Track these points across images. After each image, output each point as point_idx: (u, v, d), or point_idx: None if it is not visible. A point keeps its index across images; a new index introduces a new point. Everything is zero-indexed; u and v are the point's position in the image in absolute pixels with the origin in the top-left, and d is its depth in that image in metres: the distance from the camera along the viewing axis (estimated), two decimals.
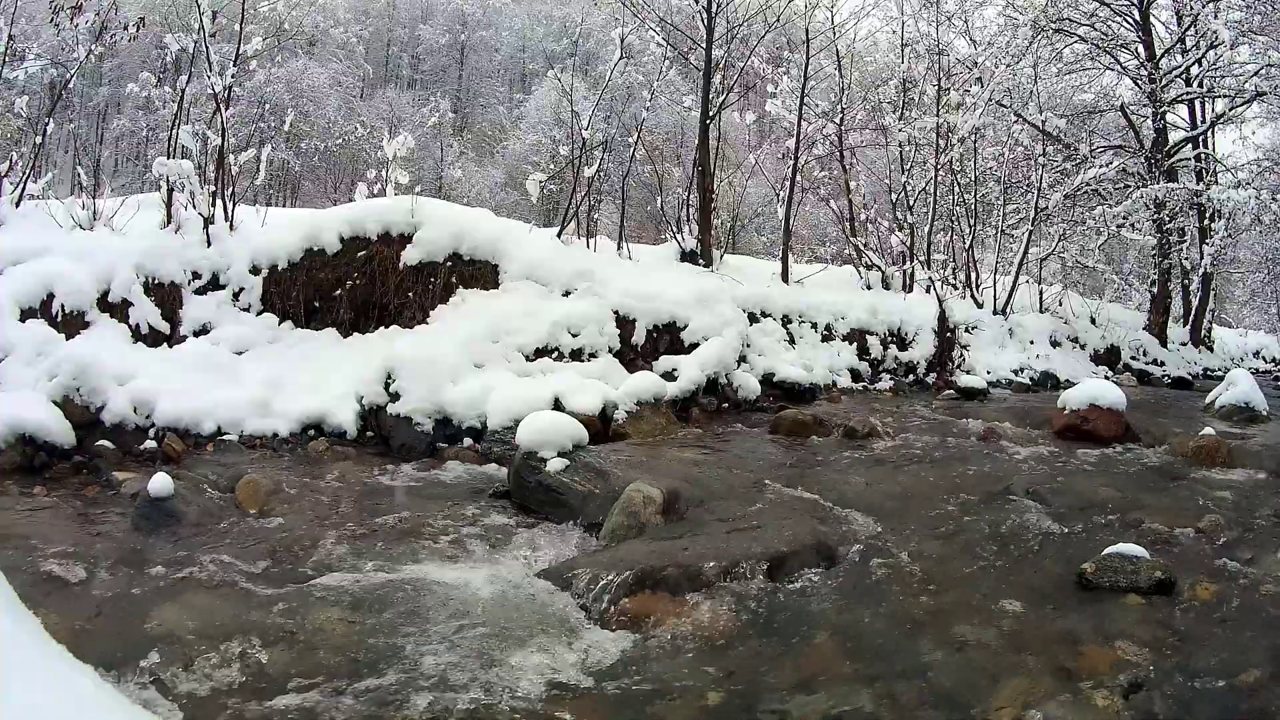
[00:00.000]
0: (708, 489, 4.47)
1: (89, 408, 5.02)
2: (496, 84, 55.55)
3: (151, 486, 3.93)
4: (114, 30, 7.85)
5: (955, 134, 12.69)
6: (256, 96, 30.20)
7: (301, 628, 2.84)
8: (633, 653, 2.77)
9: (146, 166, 14.27)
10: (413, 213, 7.16)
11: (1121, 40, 14.95)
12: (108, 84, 38.31)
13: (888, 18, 14.75)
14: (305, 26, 39.94)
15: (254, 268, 6.75)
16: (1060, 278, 15.26)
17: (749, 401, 7.32)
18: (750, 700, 2.50)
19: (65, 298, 5.82)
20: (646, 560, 3.33)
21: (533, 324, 6.87)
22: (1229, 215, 14.91)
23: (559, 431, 4.52)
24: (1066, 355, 12.06)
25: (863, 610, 3.10)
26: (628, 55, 10.98)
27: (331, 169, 39.51)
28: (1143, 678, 2.57)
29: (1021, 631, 2.91)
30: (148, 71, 9.15)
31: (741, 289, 8.89)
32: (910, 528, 3.96)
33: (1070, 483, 4.83)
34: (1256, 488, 4.79)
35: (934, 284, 11.08)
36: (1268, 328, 26.37)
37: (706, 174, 10.75)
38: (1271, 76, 13.42)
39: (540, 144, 35.74)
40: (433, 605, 3.04)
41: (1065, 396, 6.41)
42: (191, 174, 6.82)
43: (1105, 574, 3.22)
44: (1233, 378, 8.28)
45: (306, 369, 6.22)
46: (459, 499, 4.52)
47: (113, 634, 2.76)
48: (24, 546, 3.43)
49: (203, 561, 3.40)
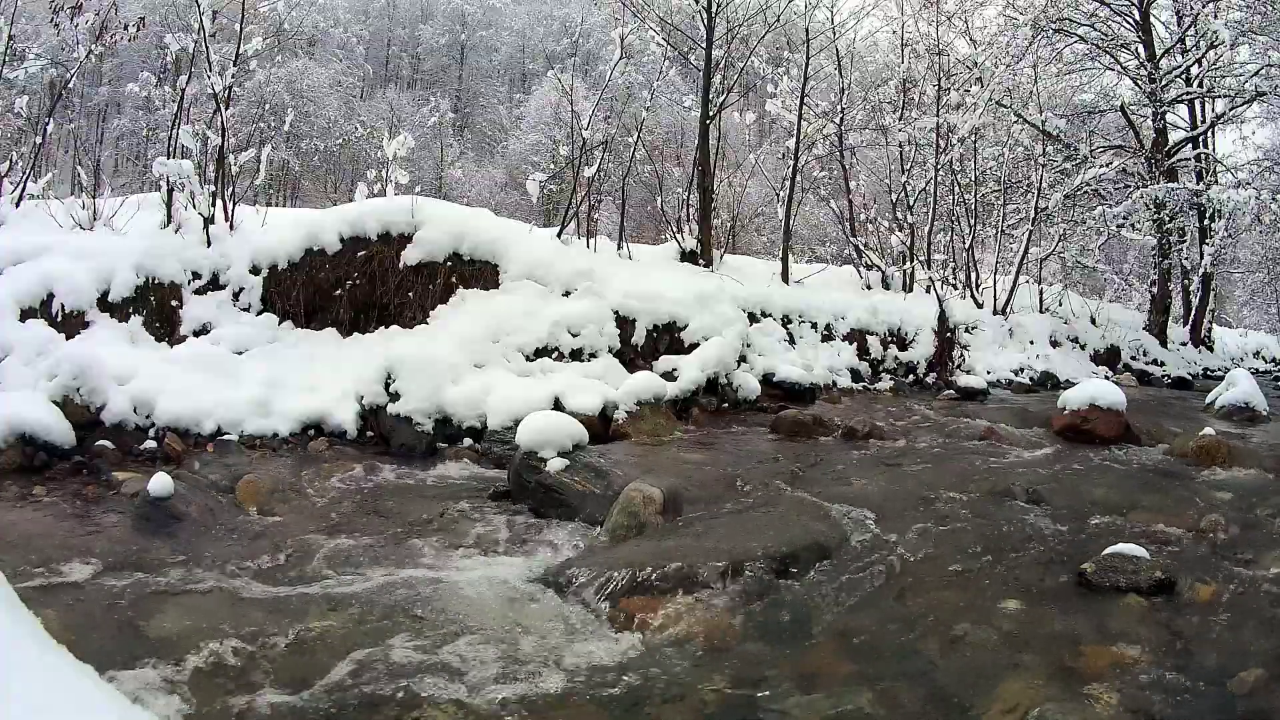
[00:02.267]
0: (708, 489, 4.47)
1: (89, 408, 5.02)
2: (496, 84, 55.55)
3: (151, 486, 3.93)
4: (114, 30, 7.85)
5: (955, 134, 12.70)
6: (256, 96, 30.23)
7: (301, 627, 2.84)
8: (633, 653, 2.77)
9: (146, 166, 14.28)
10: (413, 213, 7.16)
11: (1121, 40, 14.95)
12: (108, 84, 38.32)
13: (888, 18, 14.79)
14: (305, 26, 39.96)
15: (254, 268, 6.75)
16: (1060, 278, 15.26)
17: (749, 401, 7.31)
18: (750, 700, 2.50)
19: (65, 298, 5.82)
20: (646, 560, 3.33)
21: (533, 324, 6.87)
22: (1229, 215, 14.92)
23: (559, 431, 4.52)
24: (1066, 355, 12.07)
25: (863, 610, 3.10)
26: (628, 55, 10.98)
27: (331, 169, 39.52)
28: (1143, 678, 2.57)
29: (1021, 631, 2.91)
30: (148, 71, 9.17)
31: (741, 289, 8.89)
32: (910, 528, 3.96)
33: (1070, 483, 4.83)
34: (1256, 488, 4.78)
35: (934, 284, 11.08)
36: (1268, 328, 26.39)
37: (706, 174, 10.76)
38: (1271, 76, 13.42)
39: (540, 144, 35.74)
40: (432, 605, 3.04)
41: (1065, 396, 6.41)
42: (191, 174, 6.81)
43: (1105, 574, 3.22)
44: (1233, 378, 8.28)
45: (306, 369, 6.22)
46: (459, 499, 4.51)
47: (113, 634, 2.75)
48: (24, 546, 3.43)
49: (203, 561, 3.41)
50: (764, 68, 12.77)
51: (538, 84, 45.04)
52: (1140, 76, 14.52)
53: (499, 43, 57.58)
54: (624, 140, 11.39)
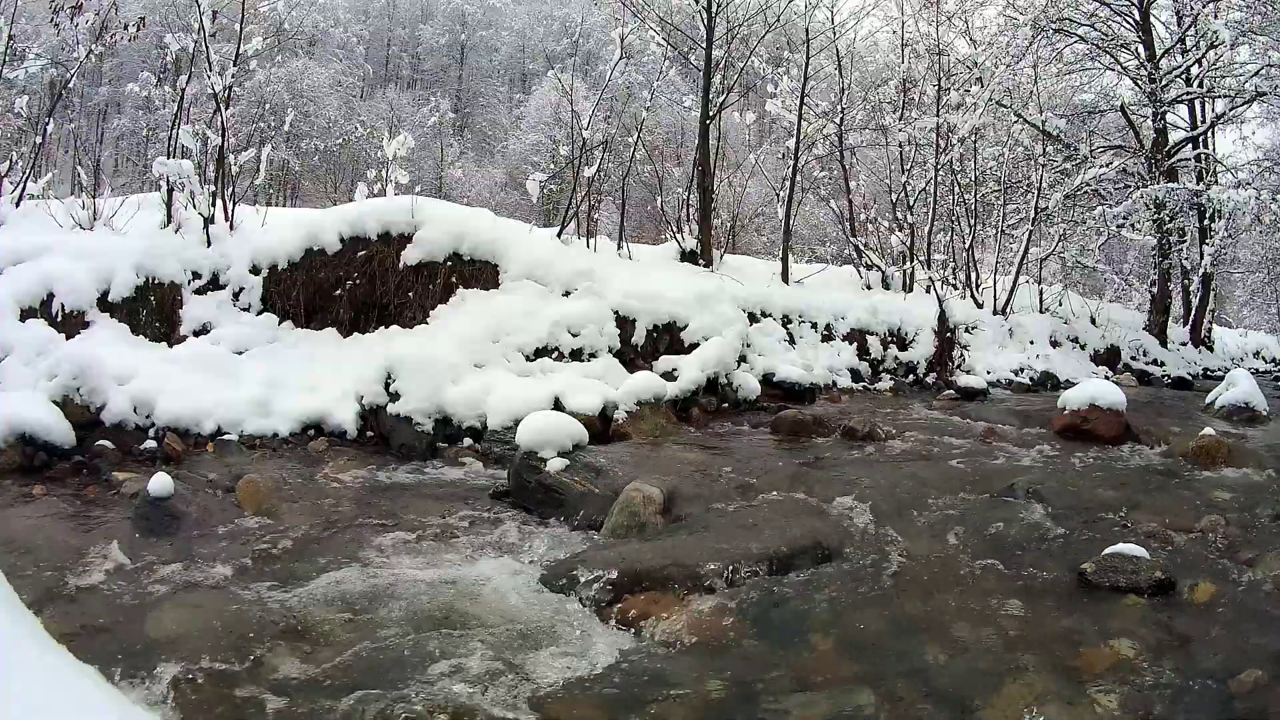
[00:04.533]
0: (708, 489, 4.47)
1: (89, 408, 5.02)
2: (496, 84, 55.55)
3: (151, 486, 3.93)
4: (114, 30, 7.85)
5: (955, 134, 12.69)
6: (256, 96, 30.23)
7: (301, 627, 2.84)
8: (633, 652, 2.77)
9: (146, 166, 14.28)
10: (413, 213, 7.16)
11: (1121, 40, 14.94)
12: (108, 84, 38.32)
13: (888, 18, 14.79)
14: (305, 26, 39.96)
15: (254, 268, 6.75)
16: (1060, 278, 15.26)
17: (749, 401, 7.31)
18: (750, 700, 2.50)
19: (65, 298, 5.82)
20: (647, 560, 3.33)
21: (533, 324, 6.87)
22: (1229, 215, 14.91)
23: (559, 431, 4.52)
24: (1066, 355, 12.06)
25: (862, 610, 3.10)
26: (628, 55, 10.99)
27: (331, 169, 39.49)
28: (1143, 678, 2.57)
29: (1021, 631, 2.91)
30: (148, 71, 9.17)
31: (741, 289, 8.89)
32: (910, 527, 3.96)
33: (1070, 483, 4.82)
34: (1256, 488, 4.78)
35: (934, 284, 11.08)
36: (1268, 328, 26.38)
37: (706, 174, 10.76)
38: (1271, 76, 13.41)
39: (540, 144, 35.72)
40: (432, 605, 3.04)
41: (1065, 396, 6.41)
42: (191, 174, 6.82)
43: (1105, 574, 3.22)
44: (1233, 378, 8.27)
45: (306, 369, 6.22)
46: (459, 499, 4.51)
47: (113, 634, 2.75)
48: (24, 546, 3.44)
49: (203, 561, 3.41)
50: (764, 68, 12.77)
51: (538, 84, 45.04)
52: (1140, 76, 14.52)
53: (499, 43, 57.57)
54: (624, 140, 11.39)
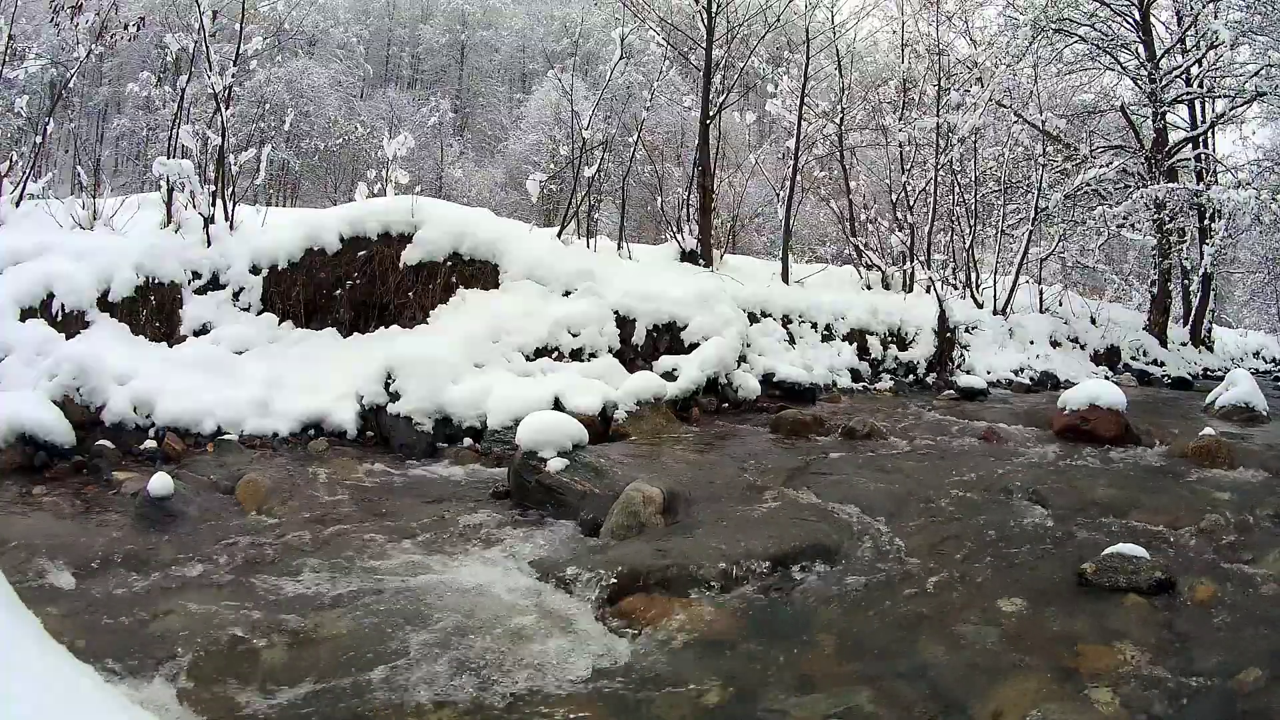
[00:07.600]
0: (708, 489, 4.47)
1: (89, 407, 5.02)
2: (496, 84, 55.55)
3: (151, 486, 3.93)
4: (114, 30, 7.85)
5: (955, 134, 12.69)
6: (256, 96, 30.23)
7: (302, 627, 2.84)
8: (632, 652, 2.77)
9: (146, 166, 14.27)
10: (413, 213, 7.16)
11: (1121, 40, 14.95)
12: (108, 84, 38.33)
13: (888, 18, 14.78)
14: (305, 26, 39.95)
15: (254, 267, 6.75)
16: (1060, 278, 15.26)
17: (749, 401, 7.31)
18: (750, 700, 2.50)
19: (65, 298, 5.82)
20: (647, 560, 3.33)
21: (533, 324, 6.87)
22: (1229, 215, 14.93)
23: (559, 431, 4.51)
24: (1066, 355, 12.07)
25: (863, 610, 3.10)
26: (628, 55, 10.99)
27: (331, 169, 39.50)
28: (1143, 678, 2.57)
29: (1021, 631, 2.91)
30: (148, 71, 9.16)
31: (741, 289, 8.89)
32: (910, 527, 3.96)
33: (1070, 483, 4.82)
34: (1256, 488, 4.78)
35: (934, 284, 11.08)
36: (1268, 328, 26.37)
37: (706, 174, 10.76)
38: (1271, 76, 13.42)
39: (540, 144, 35.70)
40: (433, 604, 3.04)
41: (1065, 397, 6.41)
42: (191, 174, 6.82)
43: (1105, 574, 3.22)
44: (1233, 378, 8.27)
45: (306, 369, 6.22)
46: (459, 499, 4.51)
47: (113, 634, 2.75)
48: (24, 546, 3.43)
49: (203, 561, 3.41)
50: (764, 68, 12.77)
51: (538, 84, 45.02)
52: (1140, 76, 14.53)
53: (499, 43, 57.57)
54: (624, 140, 11.39)
